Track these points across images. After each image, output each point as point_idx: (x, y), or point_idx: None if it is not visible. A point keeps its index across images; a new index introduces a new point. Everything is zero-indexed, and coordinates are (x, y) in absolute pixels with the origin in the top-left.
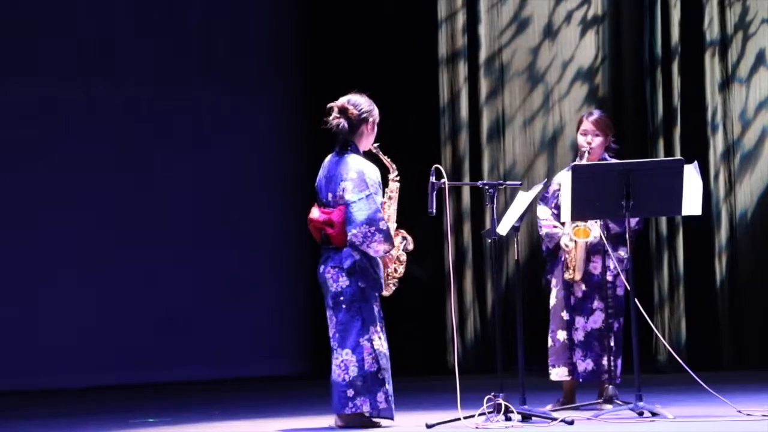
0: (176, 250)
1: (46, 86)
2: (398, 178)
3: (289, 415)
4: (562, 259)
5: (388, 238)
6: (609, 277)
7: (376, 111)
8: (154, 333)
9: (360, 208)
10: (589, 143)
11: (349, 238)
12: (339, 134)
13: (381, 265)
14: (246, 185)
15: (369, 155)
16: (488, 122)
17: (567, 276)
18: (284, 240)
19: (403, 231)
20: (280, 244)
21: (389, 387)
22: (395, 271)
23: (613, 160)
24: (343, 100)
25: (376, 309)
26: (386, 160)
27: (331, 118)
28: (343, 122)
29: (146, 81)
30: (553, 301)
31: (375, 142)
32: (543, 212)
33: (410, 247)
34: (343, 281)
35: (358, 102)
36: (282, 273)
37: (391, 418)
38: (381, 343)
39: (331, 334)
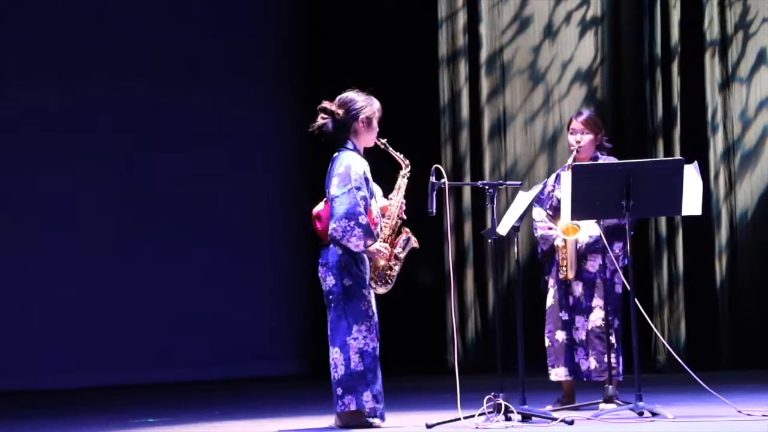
0: (176, 250)
1: (44, 85)
2: (408, 174)
3: (289, 415)
4: (557, 259)
5: (368, 233)
6: (607, 275)
7: (372, 107)
8: (154, 333)
9: (341, 202)
10: (578, 141)
11: (329, 232)
12: (324, 135)
13: (366, 262)
14: (246, 185)
15: (377, 151)
16: (489, 122)
17: (561, 275)
18: (284, 240)
19: (407, 230)
20: (280, 244)
21: (376, 387)
22: (390, 268)
23: (607, 158)
24: (332, 102)
25: (363, 307)
26: (397, 155)
27: (318, 119)
28: (328, 123)
29: (146, 80)
30: (550, 301)
31: (382, 137)
32: (538, 214)
33: (414, 245)
34: (330, 280)
35: (350, 100)
36: (282, 273)
37: (381, 419)
38: (367, 343)
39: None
